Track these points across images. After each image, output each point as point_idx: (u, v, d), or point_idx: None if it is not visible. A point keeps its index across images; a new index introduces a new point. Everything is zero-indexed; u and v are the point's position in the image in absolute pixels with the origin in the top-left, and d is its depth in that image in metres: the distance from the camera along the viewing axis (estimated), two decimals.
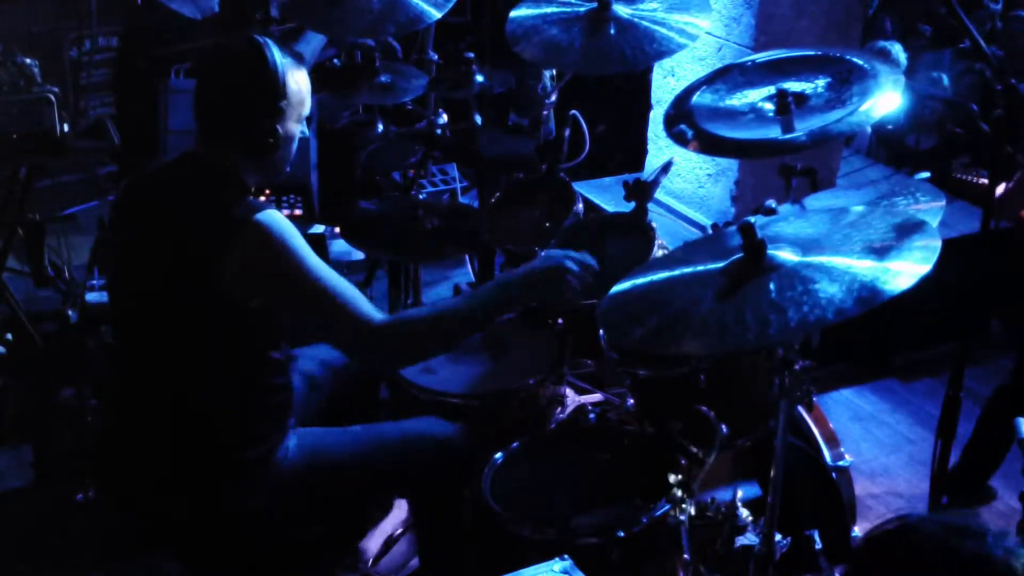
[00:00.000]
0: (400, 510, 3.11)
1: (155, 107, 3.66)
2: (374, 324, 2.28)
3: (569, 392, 3.03)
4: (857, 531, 2.80)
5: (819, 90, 2.55)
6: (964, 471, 3.48)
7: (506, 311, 2.63)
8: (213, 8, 3.87)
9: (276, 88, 2.31)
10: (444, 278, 4.70)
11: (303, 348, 2.79)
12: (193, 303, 2.27)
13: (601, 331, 2.54)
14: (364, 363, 2.74)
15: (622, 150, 4.77)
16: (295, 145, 2.43)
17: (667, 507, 2.35)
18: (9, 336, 3.64)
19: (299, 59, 2.41)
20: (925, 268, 1.82)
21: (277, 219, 2.26)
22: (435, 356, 2.49)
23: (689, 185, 4.33)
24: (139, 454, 2.42)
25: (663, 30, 2.90)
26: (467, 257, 4.51)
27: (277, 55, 2.31)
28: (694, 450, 2.56)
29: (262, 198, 2.41)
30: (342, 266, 4.14)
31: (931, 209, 2.73)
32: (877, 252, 1.90)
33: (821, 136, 2.41)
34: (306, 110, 2.43)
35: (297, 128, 2.41)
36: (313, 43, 3.65)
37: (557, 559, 1.89)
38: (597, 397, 3.13)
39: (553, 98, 3.39)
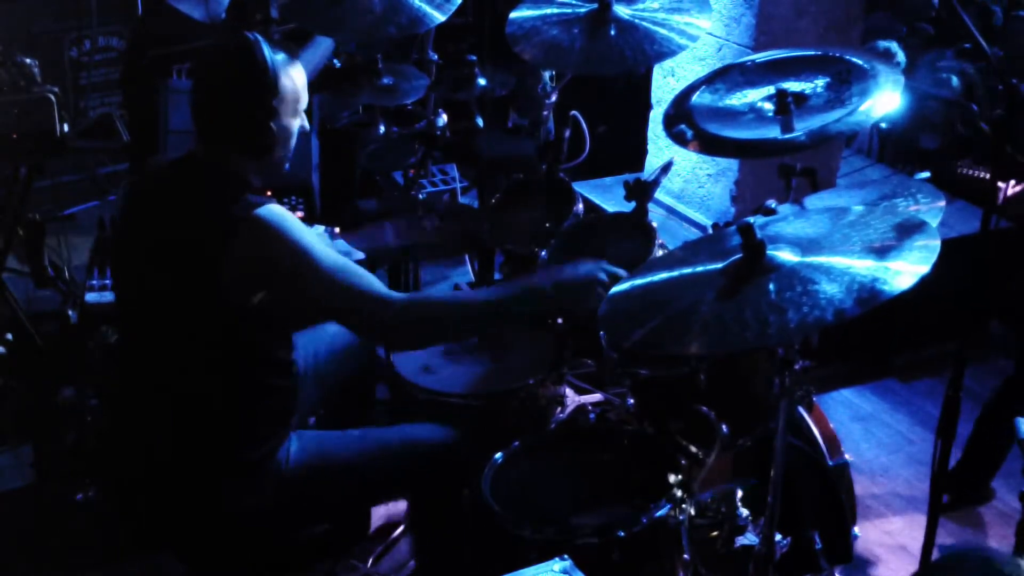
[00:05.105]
0: (400, 510, 3.11)
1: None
2: (394, 302, 2.28)
3: (569, 392, 3.02)
4: (857, 531, 2.80)
5: (819, 90, 2.55)
6: (964, 471, 3.48)
7: (529, 312, 2.58)
8: (220, 15, 3.87)
9: (269, 85, 2.30)
10: (444, 278, 4.69)
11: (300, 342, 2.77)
12: (193, 303, 2.27)
13: (601, 331, 2.54)
14: (383, 343, 2.73)
15: (622, 150, 4.76)
16: (294, 141, 2.42)
17: (667, 507, 2.36)
18: (9, 336, 3.63)
19: (292, 55, 2.40)
20: (924, 268, 1.82)
21: (277, 212, 2.25)
22: (449, 341, 2.49)
23: (689, 185, 4.33)
24: (140, 454, 2.43)
25: (663, 31, 2.90)
26: (467, 257, 4.51)
27: (268, 53, 2.30)
28: (694, 450, 2.57)
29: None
30: None
31: (931, 210, 2.73)
32: (877, 252, 1.90)
33: (820, 136, 2.41)
34: (302, 104, 2.41)
35: (295, 123, 2.40)
36: (322, 47, 3.64)
37: (557, 559, 1.89)
38: (597, 397, 3.13)
39: (553, 98, 3.39)
